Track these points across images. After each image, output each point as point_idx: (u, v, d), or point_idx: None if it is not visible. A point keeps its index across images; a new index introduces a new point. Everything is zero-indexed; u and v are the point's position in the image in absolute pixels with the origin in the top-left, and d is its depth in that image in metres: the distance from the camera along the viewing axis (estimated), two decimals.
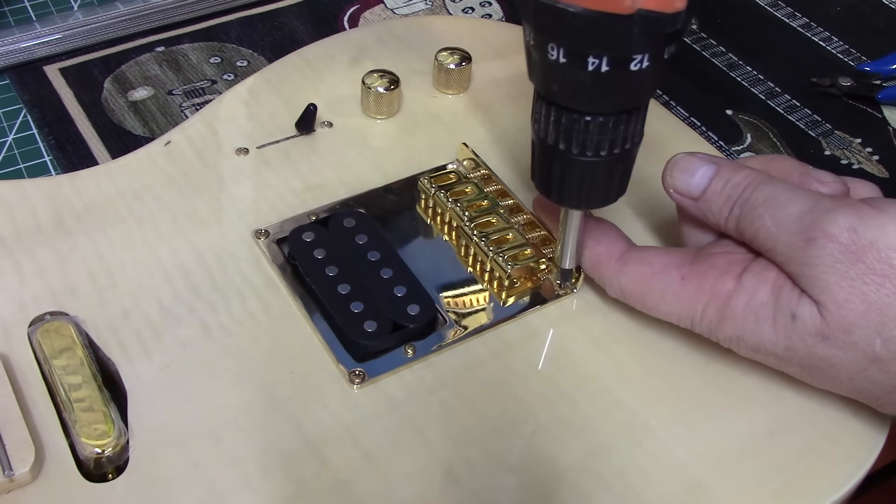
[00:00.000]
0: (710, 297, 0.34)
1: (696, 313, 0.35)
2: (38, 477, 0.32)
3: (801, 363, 0.33)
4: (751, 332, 0.33)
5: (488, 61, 0.49)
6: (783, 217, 0.32)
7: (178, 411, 0.34)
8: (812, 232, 0.31)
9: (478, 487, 0.33)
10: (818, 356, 0.32)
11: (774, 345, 0.33)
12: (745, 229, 0.34)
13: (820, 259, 0.31)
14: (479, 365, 0.36)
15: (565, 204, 0.35)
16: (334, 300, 0.37)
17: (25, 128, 0.51)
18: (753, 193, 0.34)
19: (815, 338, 0.32)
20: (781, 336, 0.33)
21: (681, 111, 0.56)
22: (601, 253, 0.37)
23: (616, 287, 0.37)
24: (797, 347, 0.32)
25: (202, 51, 0.56)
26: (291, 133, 0.45)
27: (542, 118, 0.33)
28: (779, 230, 0.32)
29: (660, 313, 0.36)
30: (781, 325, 0.32)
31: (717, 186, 0.35)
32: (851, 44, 0.62)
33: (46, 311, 0.37)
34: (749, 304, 0.33)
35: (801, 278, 0.32)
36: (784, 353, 0.33)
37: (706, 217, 0.36)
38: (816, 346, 0.32)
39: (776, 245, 0.33)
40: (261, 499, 0.32)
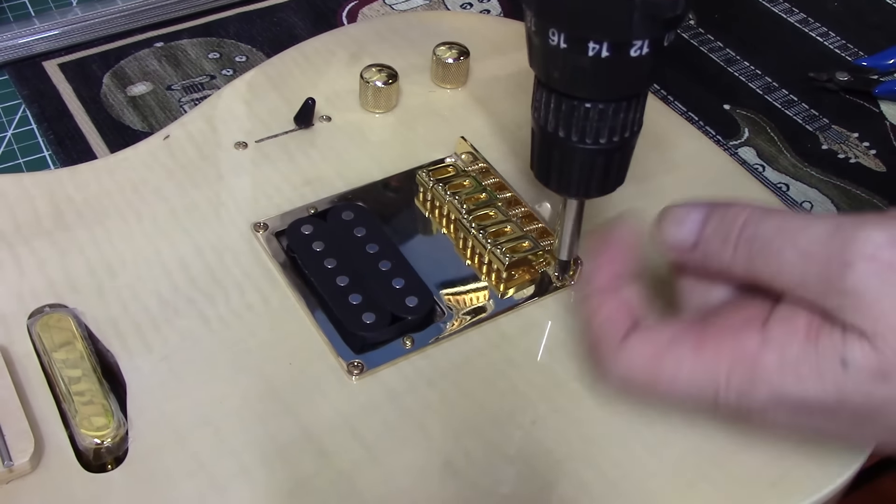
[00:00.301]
0: (734, 360, 0.29)
1: (720, 384, 0.29)
2: (37, 467, 0.32)
3: (855, 414, 0.28)
4: (791, 392, 0.29)
5: (486, 56, 0.49)
6: (806, 245, 0.28)
7: (177, 402, 0.34)
8: (846, 255, 0.27)
9: (476, 478, 0.33)
10: (877, 400, 0.28)
11: (823, 400, 0.28)
12: (760, 268, 0.29)
13: (864, 284, 0.27)
14: (477, 356, 0.36)
15: (564, 193, 0.35)
16: (333, 292, 0.37)
17: (24, 123, 0.52)
18: (760, 226, 0.30)
19: (874, 380, 0.27)
20: (831, 388, 0.28)
21: (679, 106, 0.56)
22: (599, 336, 0.32)
23: (617, 377, 0.31)
24: (851, 397, 0.28)
25: (201, 46, 0.57)
26: (290, 127, 0.45)
27: (542, 105, 0.33)
28: (805, 261, 0.28)
29: (676, 398, 0.31)
30: (830, 376, 0.28)
31: (711, 228, 0.31)
32: (849, 39, 0.62)
33: (46, 304, 0.37)
34: (784, 359, 0.29)
35: (846, 311, 0.28)
36: (835, 407, 0.28)
37: (707, 266, 0.31)
38: (875, 389, 0.28)
39: (805, 278, 0.28)
40: (259, 489, 0.32)
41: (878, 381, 0.27)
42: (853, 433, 0.30)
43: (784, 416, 0.30)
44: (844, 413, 0.29)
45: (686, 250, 0.32)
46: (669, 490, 0.33)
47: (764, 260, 0.29)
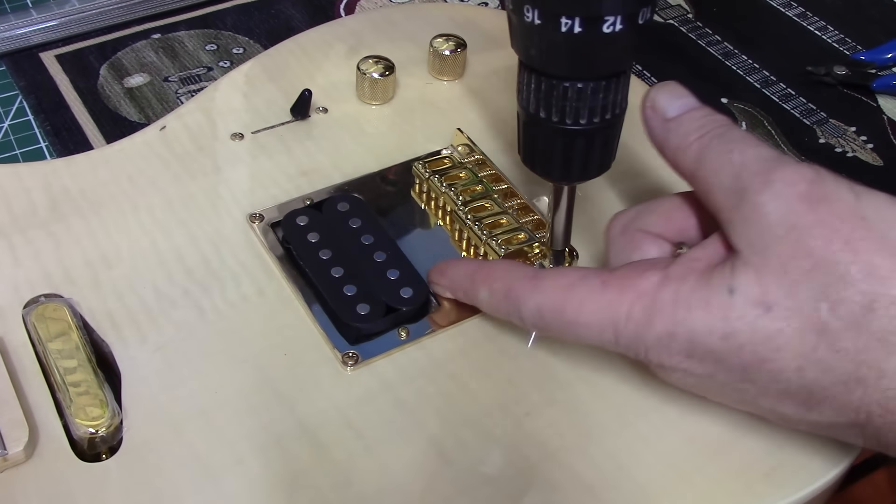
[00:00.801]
0: (636, 296, 0.31)
1: (621, 317, 0.31)
2: (31, 456, 0.32)
3: (741, 358, 0.29)
4: (682, 324, 0.30)
5: (483, 48, 0.49)
6: (750, 156, 0.30)
7: (172, 392, 0.34)
8: (773, 174, 0.29)
9: (470, 468, 0.33)
10: (761, 337, 0.29)
11: (710, 333, 0.29)
12: (705, 159, 0.31)
13: (773, 204, 0.29)
14: (472, 348, 0.36)
15: (547, 176, 0.35)
16: (328, 283, 0.37)
17: (21, 114, 0.52)
18: (731, 131, 0.32)
19: (757, 309, 0.28)
20: (718, 318, 0.29)
21: None
22: (511, 280, 0.34)
23: (532, 307, 0.33)
24: (737, 329, 0.29)
25: (198, 38, 0.56)
26: (286, 119, 0.45)
27: (524, 86, 0.33)
28: (741, 167, 0.30)
29: (579, 328, 0.32)
30: (717, 305, 0.29)
31: (697, 115, 0.33)
32: (847, 33, 0.62)
33: (41, 294, 0.37)
34: (679, 293, 0.30)
35: (748, 224, 0.29)
36: (721, 346, 0.29)
37: (666, 142, 0.33)
38: (758, 321, 0.29)
39: (731, 183, 0.30)
40: (254, 478, 0.32)
41: (762, 314, 0.28)
42: (745, 393, 0.31)
43: (679, 361, 0.30)
44: (732, 356, 0.29)
45: (662, 119, 0.34)
46: (663, 482, 0.33)
47: (714, 153, 0.31)
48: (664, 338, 0.30)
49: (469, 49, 0.48)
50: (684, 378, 0.32)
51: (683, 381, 0.32)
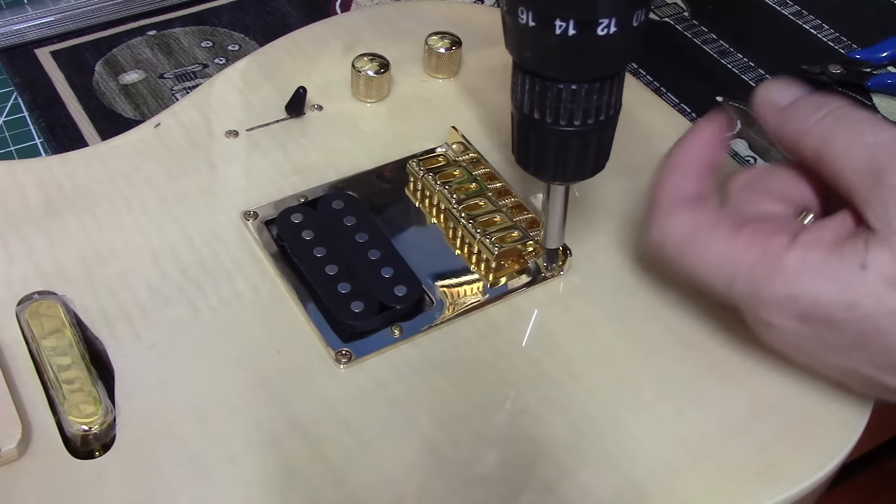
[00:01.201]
0: (762, 253, 0.31)
1: (741, 271, 0.32)
2: (24, 453, 0.32)
3: (860, 327, 0.30)
4: (806, 291, 0.31)
5: (478, 46, 0.49)
6: (884, 137, 0.31)
7: (166, 390, 0.34)
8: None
9: (463, 465, 0.33)
10: (886, 311, 0.30)
11: (833, 303, 0.30)
12: (831, 140, 0.32)
13: None
14: (465, 345, 0.36)
15: (541, 177, 0.35)
16: (322, 281, 0.37)
17: (16, 110, 0.51)
18: (854, 111, 0.32)
19: (887, 285, 0.29)
20: (847, 290, 0.30)
21: (671, 97, 0.56)
22: (659, 193, 0.35)
23: (657, 234, 0.34)
24: (863, 302, 0.30)
25: (194, 35, 0.56)
26: (281, 116, 0.45)
27: (518, 87, 0.33)
28: (874, 150, 0.31)
29: (697, 266, 0.33)
30: (847, 278, 0.30)
31: (813, 98, 0.33)
32: (842, 32, 0.62)
33: (35, 291, 0.37)
34: (806, 259, 0.31)
35: (886, 205, 0.30)
36: (843, 315, 0.30)
37: (783, 128, 0.34)
38: (887, 297, 0.29)
39: (865, 165, 0.31)
40: (247, 475, 0.32)
41: (891, 288, 0.29)
42: (850, 358, 0.31)
43: (790, 322, 0.31)
44: (850, 324, 0.30)
45: (776, 110, 0.34)
46: (655, 480, 0.33)
47: (843, 134, 0.32)
48: (784, 299, 0.31)
49: (464, 47, 0.48)
50: (787, 337, 0.32)
51: (783, 340, 0.33)
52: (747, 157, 0.53)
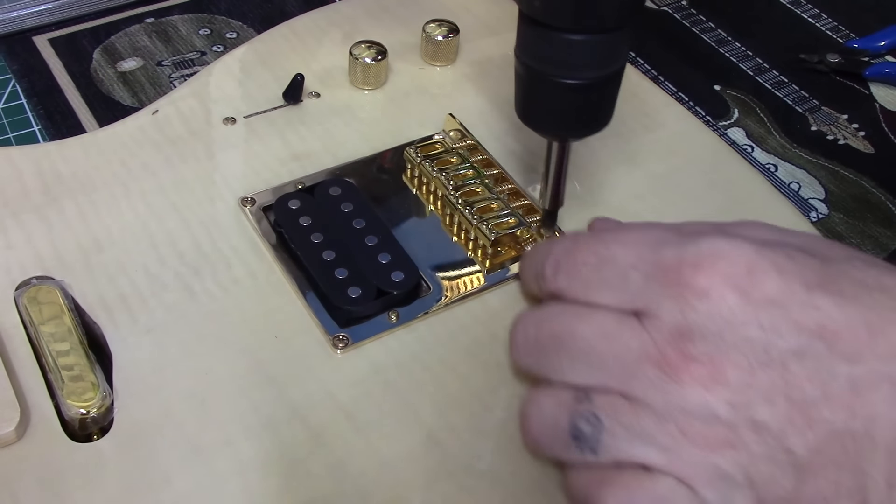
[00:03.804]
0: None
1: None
2: (23, 436, 0.32)
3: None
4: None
5: (476, 34, 0.50)
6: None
7: (163, 374, 0.34)
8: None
9: (459, 451, 0.33)
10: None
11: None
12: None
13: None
14: (461, 331, 0.37)
15: (544, 132, 0.35)
16: (319, 266, 0.37)
17: (14, 97, 0.52)
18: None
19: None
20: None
21: (669, 86, 0.56)
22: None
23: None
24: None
25: (192, 22, 0.56)
26: (279, 103, 0.45)
27: (524, 39, 0.33)
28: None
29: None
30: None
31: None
32: (840, 21, 0.62)
33: (33, 276, 0.37)
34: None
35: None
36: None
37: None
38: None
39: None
40: (244, 460, 0.32)
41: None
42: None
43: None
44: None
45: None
46: None
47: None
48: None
49: (462, 35, 0.48)
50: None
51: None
52: (745, 145, 0.53)
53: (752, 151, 0.53)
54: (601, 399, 0.29)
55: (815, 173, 0.52)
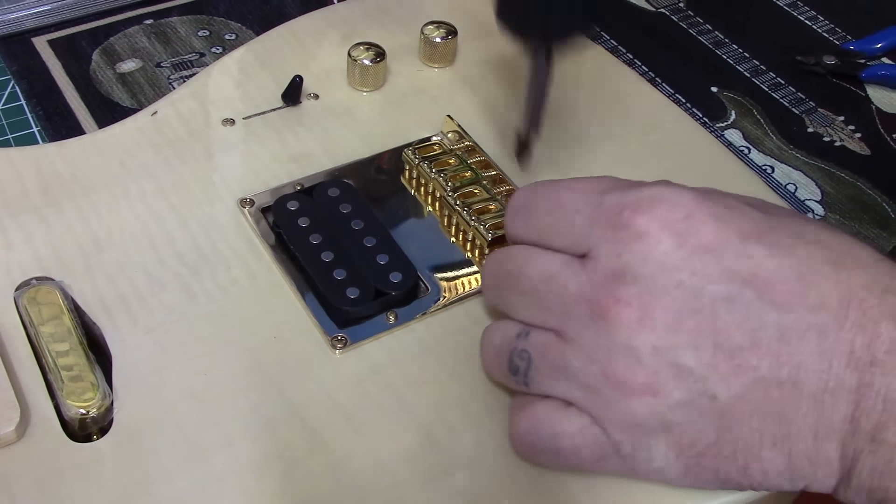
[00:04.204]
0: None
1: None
2: (23, 436, 0.32)
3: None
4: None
5: (474, 35, 0.50)
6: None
7: (162, 374, 0.34)
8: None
9: (458, 451, 0.33)
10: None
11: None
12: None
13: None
14: (460, 332, 0.37)
15: (524, 30, 0.34)
16: (317, 267, 0.38)
17: (13, 99, 0.52)
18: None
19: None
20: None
21: (666, 88, 0.56)
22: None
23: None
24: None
25: (191, 24, 0.57)
26: (278, 105, 0.45)
27: None
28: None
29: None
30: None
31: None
32: (837, 23, 0.62)
33: (33, 277, 0.37)
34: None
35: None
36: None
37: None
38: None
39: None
40: (243, 459, 0.32)
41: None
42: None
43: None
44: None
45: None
46: None
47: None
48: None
49: (460, 36, 0.48)
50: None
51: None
52: (741, 146, 0.53)
53: (748, 153, 0.53)
54: (536, 337, 0.31)
55: (811, 175, 0.52)
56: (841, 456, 0.28)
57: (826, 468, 0.28)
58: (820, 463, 0.28)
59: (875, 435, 0.27)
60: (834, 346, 0.27)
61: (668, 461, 0.29)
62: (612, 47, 0.59)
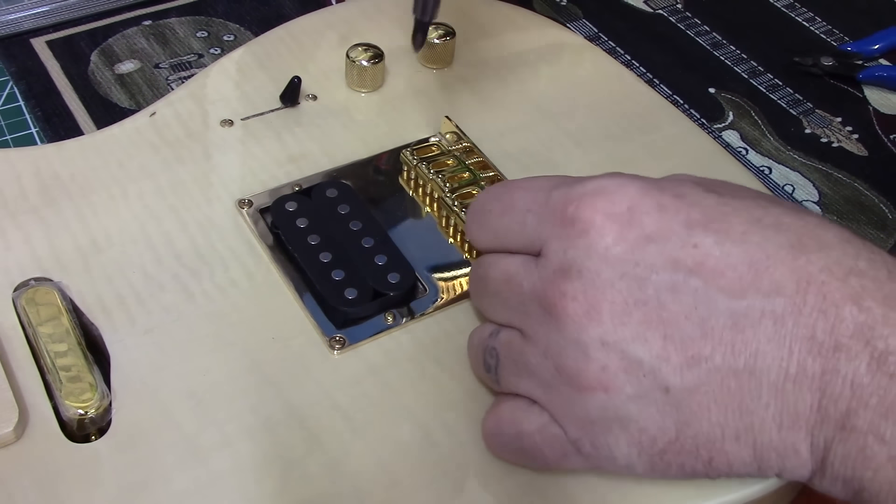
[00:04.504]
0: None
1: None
2: (21, 437, 0.32)
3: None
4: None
5: (472, 37, 0.50)
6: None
7: (161, 374, 0.35)
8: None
9: (455, 450, 0.33)
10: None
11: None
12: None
13: None
14: (457, 332, 0.37)
15: None
16: (316, 268, 0.38)
17: (12, 100, 0.52)
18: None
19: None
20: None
21: (664, 89, 0.57)
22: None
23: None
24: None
25: (189, 25, 0.57)
26: (276, 105, 0.46)
27: None
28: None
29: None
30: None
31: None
32: (834, 24, 0.62)
33: (31, 278, 0.37)
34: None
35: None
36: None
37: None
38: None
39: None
40: (241, 459, 0.32)
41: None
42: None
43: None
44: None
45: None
46: None
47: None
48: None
49: (458, 37, 0.48)
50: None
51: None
52: (739, 147, 0.53)
53: (746, 154, 0.53)
54: (503, 335, 0.31)
55: (809, 176, 0.52)
56: (811, 446, 0.27)
57: (795, 459, 0.28)
58: (788, 454, 0.27)
59: (844, 423, 0.26)
60: (793, 332, 0.26)
61: (632, 459, 0.29)
62: (611, 48, 0.59)
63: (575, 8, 0.62)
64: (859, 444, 0.26)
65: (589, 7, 0.62)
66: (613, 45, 0.59)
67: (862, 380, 0.26)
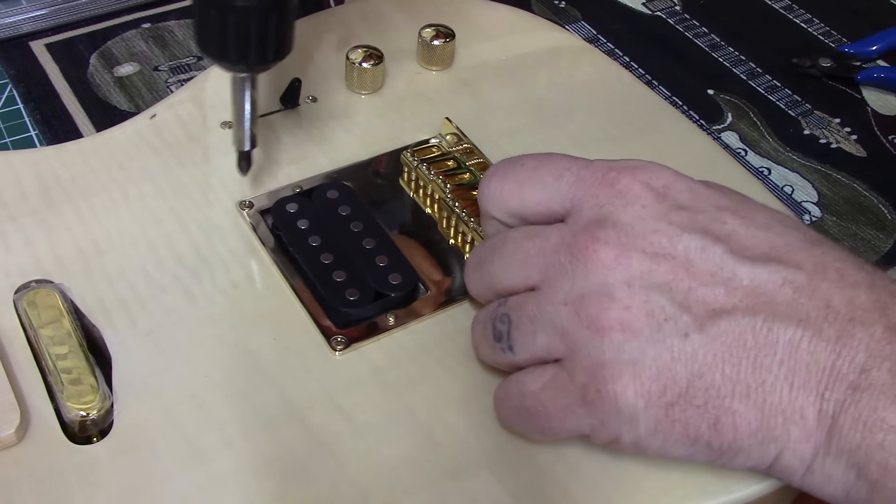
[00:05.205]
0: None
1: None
2: (23, 439, 0.32)
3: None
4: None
5: (472, 38, 0.50)
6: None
7: (162, 376, 0.35)
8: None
9: (457, 451, 0.33)
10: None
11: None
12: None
13: None
14: (458, 333, 0.37)
15: (226, 62, 0.36)
16: (317, 269, 0.38)
17: (11, 102, 0.52)
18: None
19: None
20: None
21: (663, 90, 0.57)
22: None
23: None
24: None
25: (188, 27, 0.57)
26: (276, 107, 0.46)
27: None
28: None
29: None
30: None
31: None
32: (832, 26, 0.63)
33: (32, 280, 0.37)
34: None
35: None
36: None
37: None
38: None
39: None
40: (243, 460, 0.32)
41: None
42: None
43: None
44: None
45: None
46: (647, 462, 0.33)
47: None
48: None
49: (458, 39, 0.48)
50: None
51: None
52: (738, 148, 0.54)
53: (745, 155, 0.53)
54: (514, 299, 0.32)
55: (807, 176, 0.52)
56: (819, 412, 0.28)
57: (801, 426, 0.28)
58: (794, 419, 0.28)
59: (859, 382, 0.27)
60: (811, 302, 0.28)
61: (637, 411, 0.29)
62: (609, 50, 0.59)
63: (573, 10, 0.62)
64: (871, 405, 0.27)
65: (587, 9, 0.62)
66: (612, 46, 0.60)
67: (877, 345, 0.27)
